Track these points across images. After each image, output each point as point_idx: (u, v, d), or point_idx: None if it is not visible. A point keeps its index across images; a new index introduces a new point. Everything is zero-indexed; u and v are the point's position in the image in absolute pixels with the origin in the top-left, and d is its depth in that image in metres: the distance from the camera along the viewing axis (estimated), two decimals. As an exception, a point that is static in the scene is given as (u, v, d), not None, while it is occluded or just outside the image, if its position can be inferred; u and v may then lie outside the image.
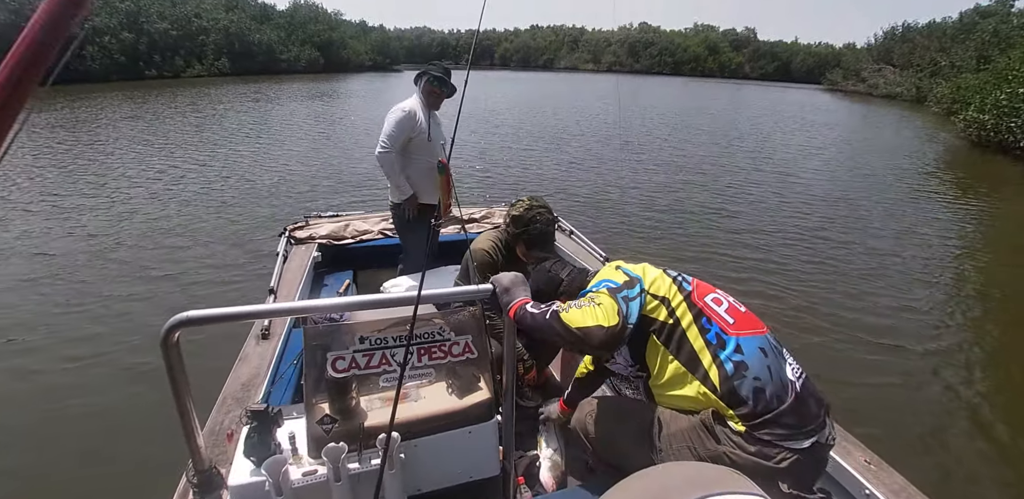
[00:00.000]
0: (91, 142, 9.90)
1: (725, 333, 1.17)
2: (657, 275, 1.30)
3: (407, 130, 2.64)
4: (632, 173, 8.80)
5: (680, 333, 1.19)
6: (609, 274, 1.30)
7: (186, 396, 0.94)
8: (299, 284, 2.48)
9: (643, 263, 1.39)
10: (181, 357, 0.92)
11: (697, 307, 1.22)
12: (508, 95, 24.44)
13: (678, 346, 1.18)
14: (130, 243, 5.10)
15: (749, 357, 1.14)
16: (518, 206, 1.99)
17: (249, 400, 1.52)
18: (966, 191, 8.84)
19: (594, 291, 1.24)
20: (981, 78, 17.51)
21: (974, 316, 4.40)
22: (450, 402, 1.29)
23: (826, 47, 69.27)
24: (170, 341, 0.89)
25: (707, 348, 1.16)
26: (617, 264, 1.36)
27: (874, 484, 1.34)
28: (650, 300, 1.23)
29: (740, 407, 1.11)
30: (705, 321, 1.19)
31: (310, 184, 7.55)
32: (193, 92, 20.93)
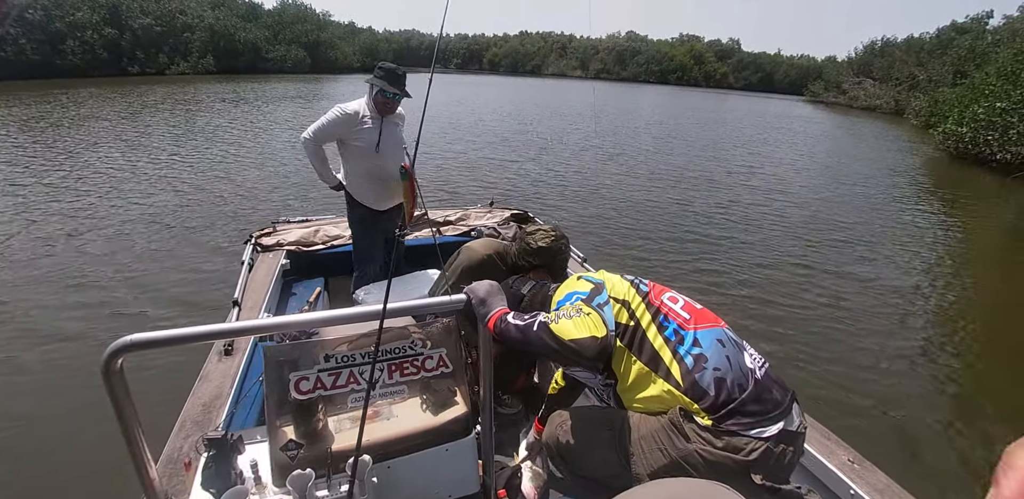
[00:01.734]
0: (51, 141, 9.48)
1: (682, 328, 1.19)
2: (616, 279, 1.32)
3: (338, 130, 2.55)
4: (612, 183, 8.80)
5: (640, 334, 1.19)
6: (574, 286, 1.30)
7: (134, 426, 0.86)
8: (266, 294, 2.37)
9: (600, 270, 1.41)
10: (126, 385, 0.84)
11: (654, 306, 1.24)
12: (494, 101, 24.43)
13: (640, 347, 1.19)
14: (74, 252, 4.70)
15: (707, 349, 1.16)
16: (540, 236, 1.92)
17: (210, 423, 1.42)
18: (948, 203, 9.04)
19: (569, 305, 1.21)
20: (958, 92, 18.03)
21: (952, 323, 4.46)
22: (425, 419, 1.22)
23: (808, 59, 70.82)
24: (112, 368, 0.82)
25: (666, 345, 1.17)
26: (578, 275, 1.36)
27: (858, 484, 1.35)
28: (614, 304, 1.24)
29: (703, 399, 1.11)
30: (663, 319, 1.21)
31: (279, 189, 7.25)
32: (173, 90, 20.50)
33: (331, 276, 2.97)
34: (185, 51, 32.14)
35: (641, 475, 1.16)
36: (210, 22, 33.44)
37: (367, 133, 2.56)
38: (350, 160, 2.64)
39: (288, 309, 2.53)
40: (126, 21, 29.25)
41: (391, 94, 2.53)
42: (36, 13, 24.79)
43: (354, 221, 2.76)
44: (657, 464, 1.14)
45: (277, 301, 2.57)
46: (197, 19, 33.12)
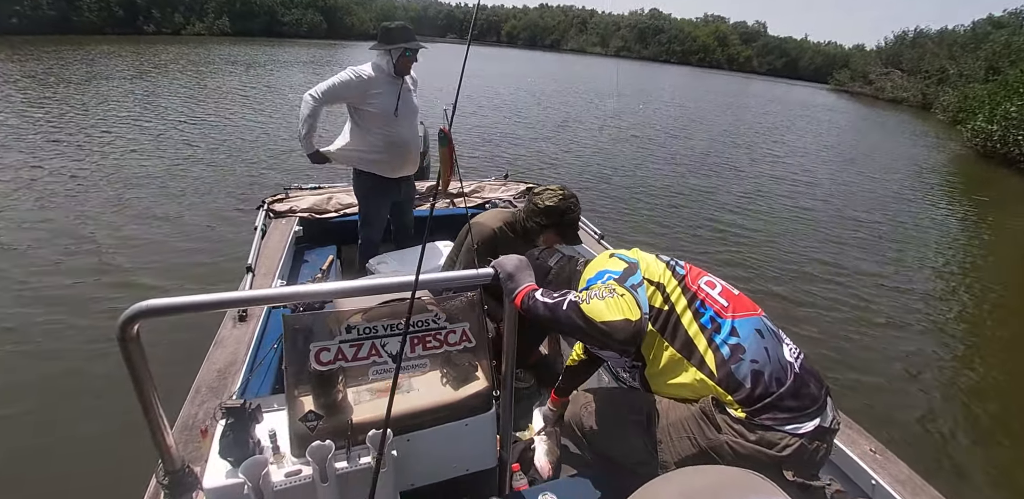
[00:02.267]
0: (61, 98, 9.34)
1: (720, 316, 1.14)
2: (651, 259, 1.25)
3: (350, 93, 2.43)
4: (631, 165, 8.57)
5: (675, 319, 1.14)
6: (606, 264, 1.22)
7: (151, 392, 0.84)
8: (279, 261, 2.33)
9: (634, 248, 1.32)
10: (143, 351, 0.80)
11: (691, 291, 1.17)
12: (512, 75, 23.91)
13: (673, 332, 1.14)
14: (91, 214, 4.64)
15: (745, 339, 1.10)
16: (548, 195, 1.88)
17: (225, 390, 1.41)
18: (975, 204, 8.82)
19: (601, 284, 1.14)
20: (989, 89, 17.40)
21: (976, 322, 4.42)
22: (446, 393, 1.20)
23: (835, 47, 68.71)
24: (128, 334, 0.78)
25: (702, 333, 1.12)
26: (611, 253, 1.29)
27: (880, 474, 1.34)
28: (648, 286, 1.17)
29: (738, 391, 1.06)
30: (699, 305, 1.15)
31: (291, 154, 7.09)
32: (186, 50, 20.17)
33: (343, 244, 2.93)
34: (201, 11, 31.59)
35: (668, 463, 1.14)
36: (226, -19, 32.75)
37: (384, 97, 2.46)
38: (364, 127, 2.53)
39: (300, 277, 2.50)
40: (142, -22, 28.70)
41: (414, 49, 2.42)
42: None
43: (363, 191, 2.69)
44: (685, 453, 1.11)
45: (290, 268, 2.54)
46: (213, -21, 32.44)
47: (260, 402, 1.05)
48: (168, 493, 0.94)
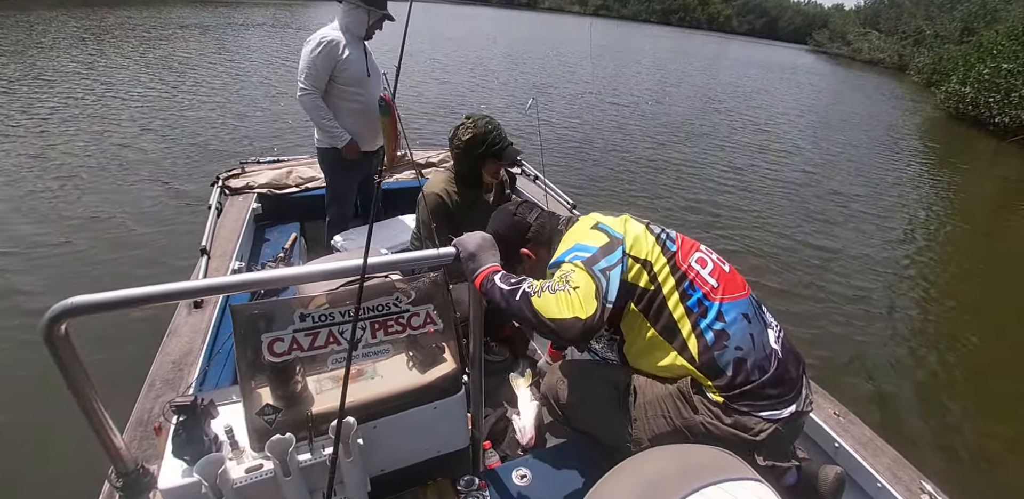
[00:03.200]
0: None
1: (707, 298, 1.08)
2: (640, 232, 1.14)
3: (330, 65, 2.26)
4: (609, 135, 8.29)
5: (660, 300, 1.08)
6: (584, 236, 1.13)
7: (90, 394, 0.78)
8: (237, 241, 2.19)
9: (624, 215, 1.20)
10: (74, 351, 0.74)
11: (680, 270, 1.10)
12: (484, 36, 22.95)
13: (657, 314, 1.08)
14: (23, 197, 4.21)
15: (731, 325, 1.07)
16: (462, 131, 1.85)
17: (182, 382, 1.34)
18: (946, 165, 9.01)
19: (567, 263, 1.08)
20: (964, 50, 17.48)
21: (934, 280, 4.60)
22: (412, 377, 1.16)
23: (815, 6, 67.86)
24: (55, 334, 0.72)
25: (687, 316, 1.07)
26: (596, 220, 1.16)
27: (843, 437, 1.37)
28: (631, 264, 1.09)
29: (719, 378, 1.05)
30: (687, 286, 1.09)
31: (247, 125, 6.67)
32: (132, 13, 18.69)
33: (307, 220, 2.79)
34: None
35: (641, 439, 1.13)
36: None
37: (354, 62, 2.30)
38: (336, 95, 2.37)
39: (262, 256, 2.39)
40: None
41: (391, 18, 2.29)
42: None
43: (329, 165, 2.53)
44: (659, 430, 1.11)
45: (250, 248, 2.42)
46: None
47: (214, 396, 1.00)
48: (123, 496, 0.90)
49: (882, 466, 1.30)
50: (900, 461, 1.33)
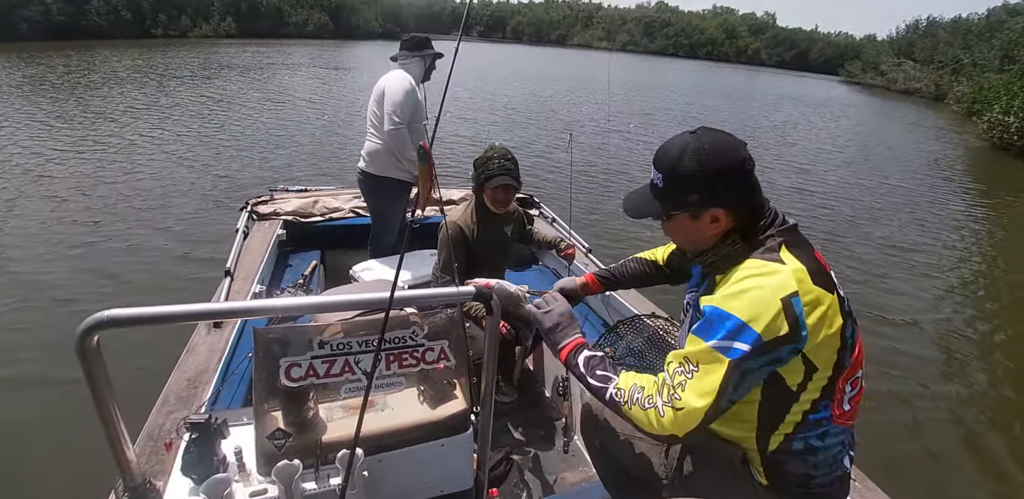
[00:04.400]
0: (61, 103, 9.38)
1: (830, 420, 0.93)
2: (833, 333, 0.86)
3: (415, 106, 2.48)
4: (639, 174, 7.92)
5: (789, 400, 0.90)
6: (762, 309, 0.82)
7: (111, 405, 0.81)
8: (260, 264, 2.29)
9: (829, 297, 0.86)
10: (103, 363, 0.78)
11: (834, 388, 0.90)
12: (516, 74, 23.69)
13: (774, 403, 0.91)
14: (68, 218, 4.65)
15: (827, 448, 0.94)
16: (480, 156, 1.98)
17: (195, 400, 1.38)
18: (991, 198, 8.61)
19: (711, 350, 0.84)
20: (1006, 79, 17.04)
21: (985, 324, 4.31)
22: (422, 412, 1.16)
23: (846, 37, 67.76)
24: (87, 345, 0.75)
25: (796, 427, 0.92)
26: (791, 289, 0.83)
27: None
28: (795, 363, 0.85)
29: (773, 474, 0.96)
30: (825, 404, 0.91)
31: (280, 155, 7.12)
32: (191, 53, 20.23)
33: (328, 249, 2.89)
34: (207, 13, 31.78)
35: (675, 487, 1.08)
36: (231, -18, 32.94)
37: (421, 106, 2.54)
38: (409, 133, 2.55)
39: (283, 282, 2.47)
40: (149, -19, 28.95)
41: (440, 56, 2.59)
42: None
43: (380, 195, 2.68)
44: (699, 483, 1.05)
45: (271, 273, 2.50)
46: (219, -20, 32.65)
47: (227, 416, 1.03)
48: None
49: None
50: None
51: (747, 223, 0.93)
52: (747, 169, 0.91)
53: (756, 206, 0.94)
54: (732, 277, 0.89)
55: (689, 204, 0.93)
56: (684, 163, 0.90)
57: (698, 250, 1.00)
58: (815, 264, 0.88)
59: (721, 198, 0.91)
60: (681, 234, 1.01)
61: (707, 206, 0.91)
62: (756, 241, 0.92)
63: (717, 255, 0.96)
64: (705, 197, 0.91)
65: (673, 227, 1.00)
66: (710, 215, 0.92)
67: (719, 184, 0.90)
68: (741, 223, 0.93)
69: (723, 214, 0.92)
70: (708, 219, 0.93)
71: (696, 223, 0.94)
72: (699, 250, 0.99)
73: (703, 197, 0.91)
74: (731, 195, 0.91)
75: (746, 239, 0.93)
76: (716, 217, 0.92)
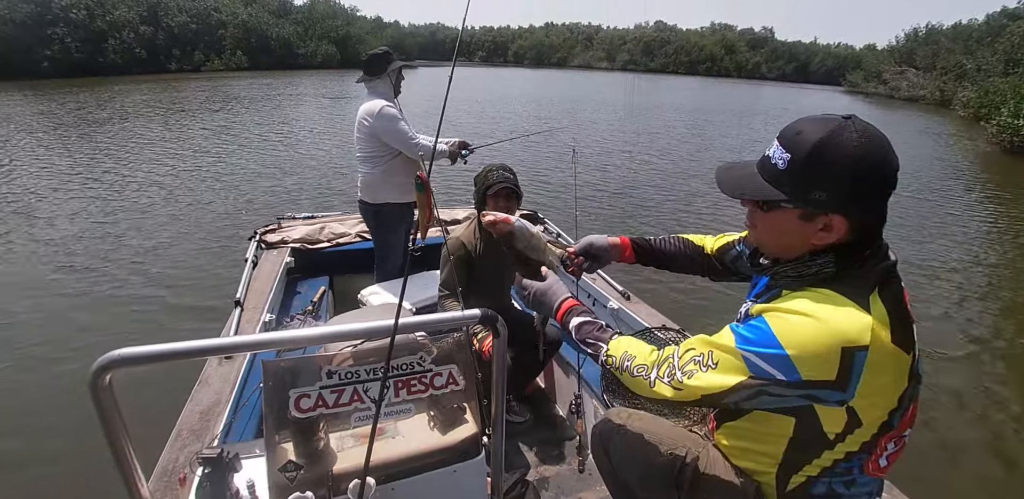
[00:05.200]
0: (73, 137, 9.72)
1: (862, 470, 0.86)
2: (890, 394, 0.77)
3: (404, 119, 2.55)
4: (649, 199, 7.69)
5: (824, 445, 0.83)
6: (817, 352, 0.72)
7: (124, 443, 0.82)
8: (269, 292, 2.33)
9: (903, 358, 0.75)
10: (115, 401, 0.79)
11: (874, 445, 0.82)
12: (517, 97, 24.05)
13: (806, 447, 0.85)
14: (78, 251, 4.74)
15: (850, 495, 0.89)
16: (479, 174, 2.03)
17: (207, 433, 1.39)
18: (1002, 200, 8.54)
19: (740, 355, 0.76)
20: (1011, 82, 17.00)
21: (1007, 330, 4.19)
22: (432, 439, 1.16)
23: (845, 48, 68.22)
24: (100, 384, 0.77)
25: (825, 468, 0.85)
26: (863, 344, 0.71)
27: None
28: (836, 413, 0.77)
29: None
30: (860, 458, 0.84)
31: (286, 184, 7.27)
32: (202, 86, 20.90)
33: (336, 275, 2.92)
34: (219, 48, 32.98)
35: None
36: (243, 19, 34.31)
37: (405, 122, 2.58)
38: (395, 157, 2.59)
39: (292, 309, 2.50)
40: (163, 19, 30.19)
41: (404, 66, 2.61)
42: (80, 13, 25.79)
43: (381, 222, 2.70)
44: None
45: (280, 301, 2.53)
46: (231, 16, 34.02)
47: (239, 450, 1.03)
48: None
49: None
50: None
51: (856, 246, 0.79)
52: (894, 180, 0.76)
53: (877, 229, 0.80)
54: (803, 297, 0.77)
55: (811, 200, 0.76)
56: (830, 150, 0.73)
57: (781, 257, 0.86)
58: (902, 315, 0.76)
59: (853, 204, 0.75)
60: (775, 232, 0.84)
61: (831, 209, 0.76)
62: (851, 271, 0.78)
63: (800, 271, 0.81)
64: (836, 198, 0.75)
65: (770, 221, 0.83)
66: (827, 220, 0.77)
67: (861, 187, 0.74)
68: (850, 243, 0.78)
69: (842, 224, 0.76)
70: (820, 225, 0.77)
71: (804, 225, 0.79)
72: (785, 257, 0.85)
73: (833, 197, 0.75)
74: (865, 205, 0.76)
75: (841, 265, 0.78)
76: (831, 225, 0.77)
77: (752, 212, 0.86)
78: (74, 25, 25.51)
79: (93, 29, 26.27)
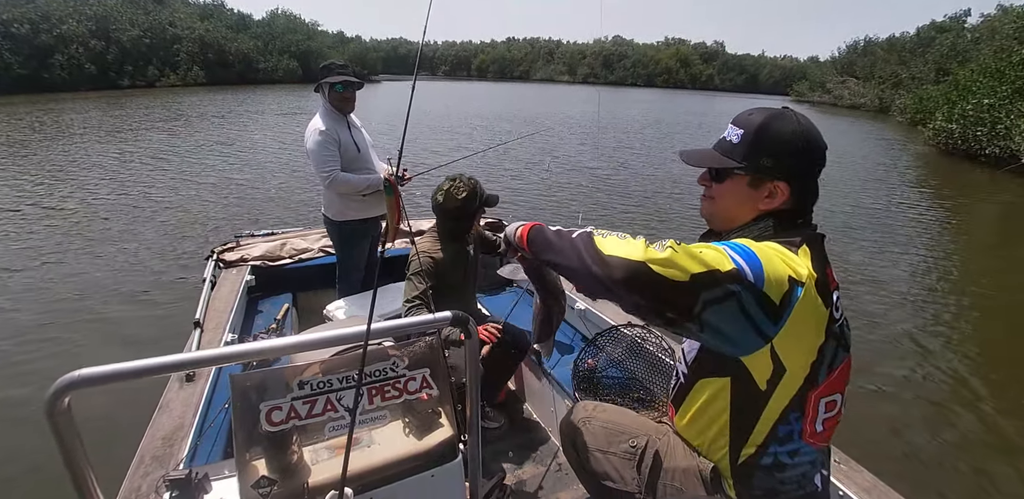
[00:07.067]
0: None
1: (800, 436, 0.92)
2: (810, 340, 0.84)
3: (334, 146, 2.42)
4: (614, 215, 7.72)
5: (759, 399, 0.88)
6: (774, 260, 0.80)
7: (85, 469, 0.79)
8: (230, 312, 2.24)
9: (822, 311, 0.84)
10: (74, 426, 0.76)
11: (804, 402, 0.88)
12: (481, 111, 24.20)
13: (746, 407, 0.90)
14: (18, 275, 4.44)
15: (795, 464, 0.94)
16: (457, 187, 1.96)
17: (171, 458, 1.33)
18: (944, 198, 9.12)
19: (720, 247, 0.80)
20: (942, 89, 18.22)
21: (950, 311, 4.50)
22: (409, 444, 1.15)
23: (791, 60, 71.81)
24: (58, 408, 0.74)
25: (768, 436, 0.91)
26: (800, 280, 0.81)
27: (846, 484, 1.36)
28: (762, 357, 0.82)
29: (745, 486, 0.97)
30: (795, 417, 0.89)
31: (245, 201, 7.05)
32: (155, 102, 20.20)
33: (300, 291, 2.85)
34: (174, 63, 32.04)
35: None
36: (200, 33, 33.48)
37: (344, 141, 2.48)
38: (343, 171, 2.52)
39: (254, 328, 2.43)
40: (114, 34, 29.16)
41: (340, 86, 2.45)
42: (22, 27, 24.69)
43: (344, 240, 2.64)
44: (671, 496, 1.06)
45: (242, 320, 2.46)
46: (187, 30, 33.15)
47: (208, 471, 1.00)
48: None
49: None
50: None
51: (793, 212, 0.92)
52: (823, 158, 0.92)
53: (812, 196, 0.94)
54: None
55: (760, 167, 0.90)
56: (775, 125, 0.90)
57: (729, 227, 0.97)
58: (824, 278, 0.85)
59: (794, 171, 0.90)
60: (727, 201, 0.96)
61: (776, 175, 0.89)
62: (786, 234, 0.89)
63: (743, 235, 0.92)
64: (779, 164, 0.89)
65: (724, 189, 0.96)
66: (772, 186, 0.90)
67: (799, 156, 0.90)
68: (789, 209, 0.91)
69: (784, 190, 0.90)
70: (767, 191, 0.91)
71: (752, 192, 0.92)
72: (730, 227, 0.97)
73: (777, 163, 0.89)
74: (802, 173, 0.90)
75: (779, 228, 0.91)
76: (775, 191, 0.90)
77: (708, 187, 1.01)
78: (17, 40, 24.37)
79: (38, 44, 25.11)
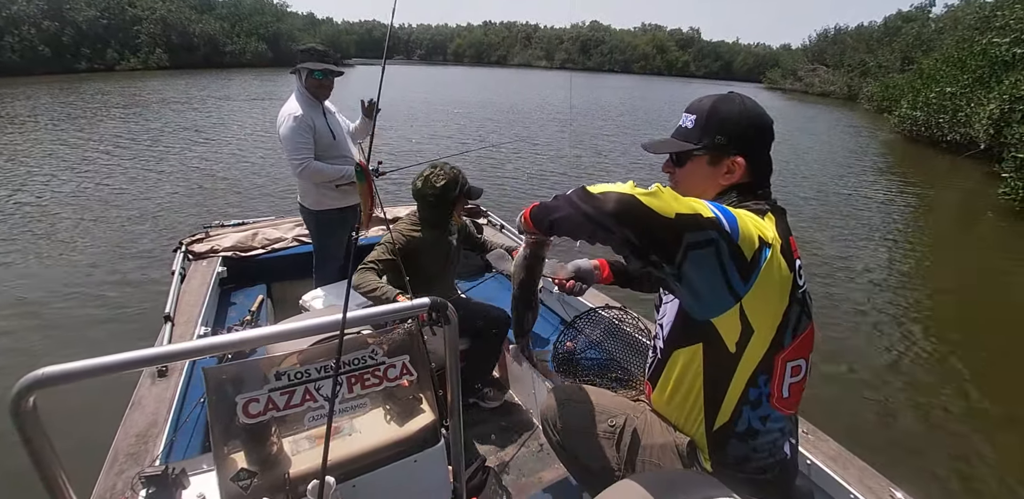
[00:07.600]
0: None
1: (768, 401, 0.96)
2: (776, 302, 0.89)
3: (308, 133, 2.36)
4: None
5: (730, 361, 0.92)
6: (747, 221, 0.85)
7: (55, 470, 0.76)
8: (202, 305, 2.19)
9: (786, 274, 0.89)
10: (41, 426, 0.73)
11: (771, 365, 0.93)
12: (457, 98, 23.86)
13: (717, 369, 0.95)
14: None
15: (766, 430, 0.99)
16: (437, 174, 1.95)
17: (146, 455, 1.30)
18: (907, 183, 9.46)
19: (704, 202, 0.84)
20: (907, 78, 18.70)
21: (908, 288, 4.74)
22: (390, 431, 1.15)
23: (764, 48, 72.58)
24: (23, 408, 0.71)
25: (738, 398, 0.95)
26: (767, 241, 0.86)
27: (813, 453, 1.42)
28: (731, 318, 0.87)
29: (719, 456, 1.01)
30: (764, 380, 0.93)
31: (213, 190, 6.81)
32: (112, 86, 19.29)
33: (274, 282, 2.79)
34: (135, 45, 30.60)
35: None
36: (162, 14, 32.01)
37: (320, 130, 2.42)
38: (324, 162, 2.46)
39: (228, 321, 2.39)
40: (68, 14, 27.64)
41: (320, 73, 2.38)
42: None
43: (322, 229, 2.59)
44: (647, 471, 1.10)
45: (215, 313, 2.40)
46: (147, 11, 31.62)
47: (185, 466, 0.99)
48: None
49: (852, 477, 1.34)
50: (868, 471, 1.37)
51: (754, 184, 0.99)
52: (772, 132, 1.00)
53: (767, 168, 1.01)
54: None
55: (716, 145, 0.97)
56: (723, 106, 0.98)
57: None
58: (787, 246, 0.90)
59: (748, 145, 0.97)
60: (691, 181, 1.02)
61: (732, 152, 0.96)
62: (749, 205, 0.95)
63: None
64: (734, 141, 0.96)
65: (687, 172, 1.03)
66: (730, 162, 0.97)
67: (751, 132, 0.97)
68: (748, 182, 0.98)
69: (742, 164, 0.96)
70: (726, 168, 0.97)
71: (713, 169, 0.99)
72: None
73: (731, 139, 0.96)
74: (755, 146, 0.98)
75: (742, 198, 0.97)
76: (734, 166, 0.97)
77: (672, 173, 1.07)
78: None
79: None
